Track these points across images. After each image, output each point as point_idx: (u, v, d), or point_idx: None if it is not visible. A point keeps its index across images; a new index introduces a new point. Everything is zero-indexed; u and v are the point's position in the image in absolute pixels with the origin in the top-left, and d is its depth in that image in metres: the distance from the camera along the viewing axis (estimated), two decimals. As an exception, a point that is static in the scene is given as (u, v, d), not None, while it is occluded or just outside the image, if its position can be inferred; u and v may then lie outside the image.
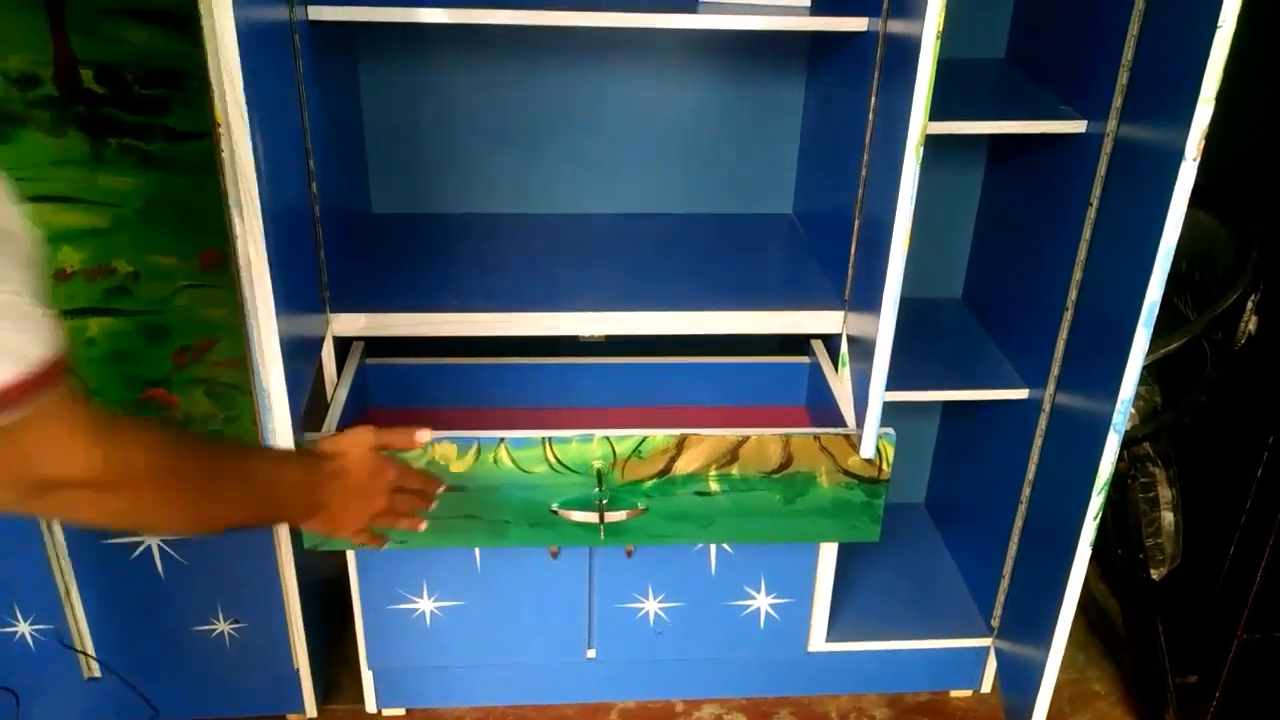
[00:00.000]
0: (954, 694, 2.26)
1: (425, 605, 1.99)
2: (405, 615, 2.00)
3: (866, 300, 1.66)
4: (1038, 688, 1.90)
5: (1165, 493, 2.09)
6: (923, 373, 1.94)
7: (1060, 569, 1.79)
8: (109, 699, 2.05)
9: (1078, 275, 1.76)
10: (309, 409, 1.56)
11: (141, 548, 1.87)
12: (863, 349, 1.69)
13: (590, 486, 1.59)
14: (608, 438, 1.56)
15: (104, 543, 1.85)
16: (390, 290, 1.79)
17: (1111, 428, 1.62)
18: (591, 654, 2.10)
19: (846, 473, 1.64)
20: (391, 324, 1.73)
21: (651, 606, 2.03)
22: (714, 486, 1.62)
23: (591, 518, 1.60)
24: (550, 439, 1.56)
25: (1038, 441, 1.93)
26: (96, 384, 1.71)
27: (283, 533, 1.88)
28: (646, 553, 1.95)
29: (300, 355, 1.53)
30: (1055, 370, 1.85)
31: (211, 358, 1.72)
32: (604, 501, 1.59)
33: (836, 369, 1.85)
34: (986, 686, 2.24)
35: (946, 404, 2.39)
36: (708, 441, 1.58)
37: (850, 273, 1.78)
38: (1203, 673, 2.08)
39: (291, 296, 1.45)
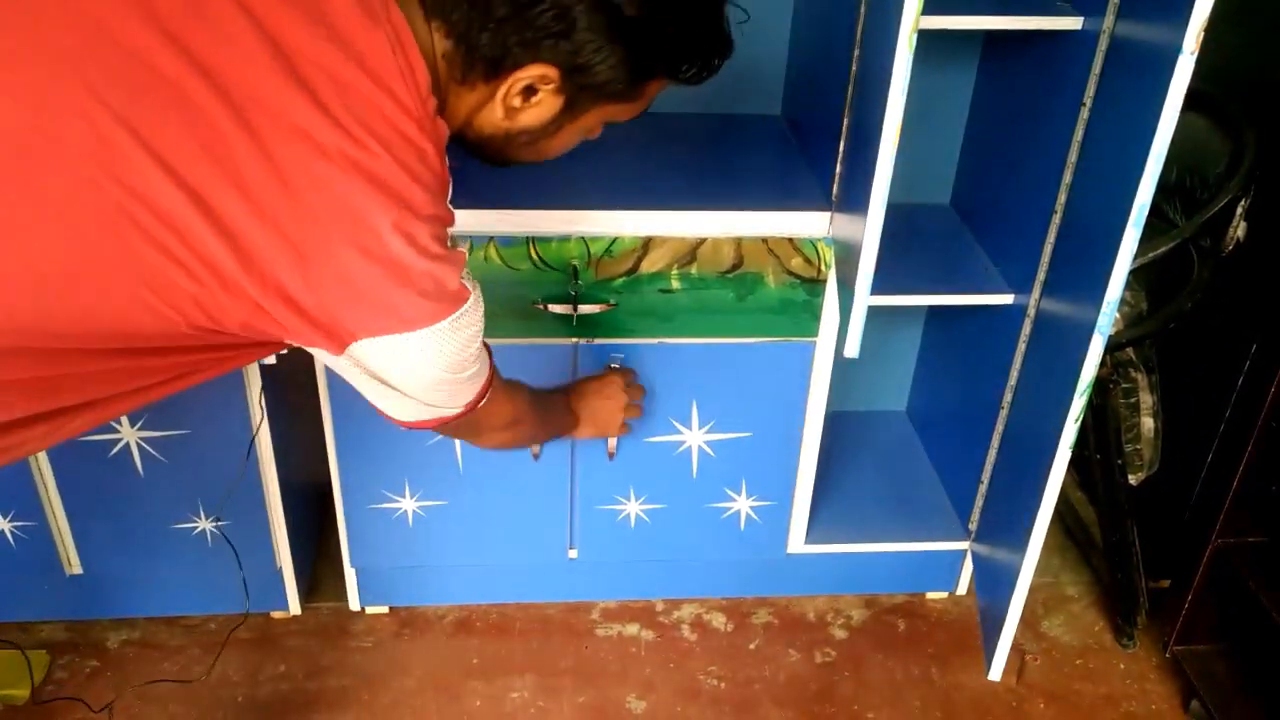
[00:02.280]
0: (930, 596, 2.29)
1: (407, 505, 1.99)
2: (387, 515, 2.00)
3: (854, 201, 1.64)
4: (1012, 590, 1.93)
5: (1146, 399, 2.09)
6: (908, 277, 1.92)
7: (1038, 472, 1.80)
8: (90, 595, 2.06)
9: (1067, 178, 1.73)
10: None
11: (119, 444, 1.86)
12: (848, 252, 1.67)
13: (567, 283, 1.76)
14: (584, 238, 1.75)
15: (81, 439, 1.84)
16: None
17: (1096, 330, 1.61)
18: (573, 554, 2.11)
19: (790, 273, 1.80)
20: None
21: (633, 508, 2.04)
22: (675, 285, 1.80)
23: (567, 309, 1.77)
24: (534, 238, 1.74)
25: (1021, 347, 1.92)
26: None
27: (263, 430, 1.87)
28: (628, 454, 1.95)
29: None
30: (1041, 275, 1.83)
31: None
32: (578, 294, 1.77)
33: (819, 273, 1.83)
34: (962, 589, 2.27)
35: (930, 310, 2.38)
36: (670, 243, 1.77)
37: (838, 171, 1.75)
38: (1176, 577, 2.12)
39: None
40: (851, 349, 1.53)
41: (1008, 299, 1.94)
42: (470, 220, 1.72)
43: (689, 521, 2.07)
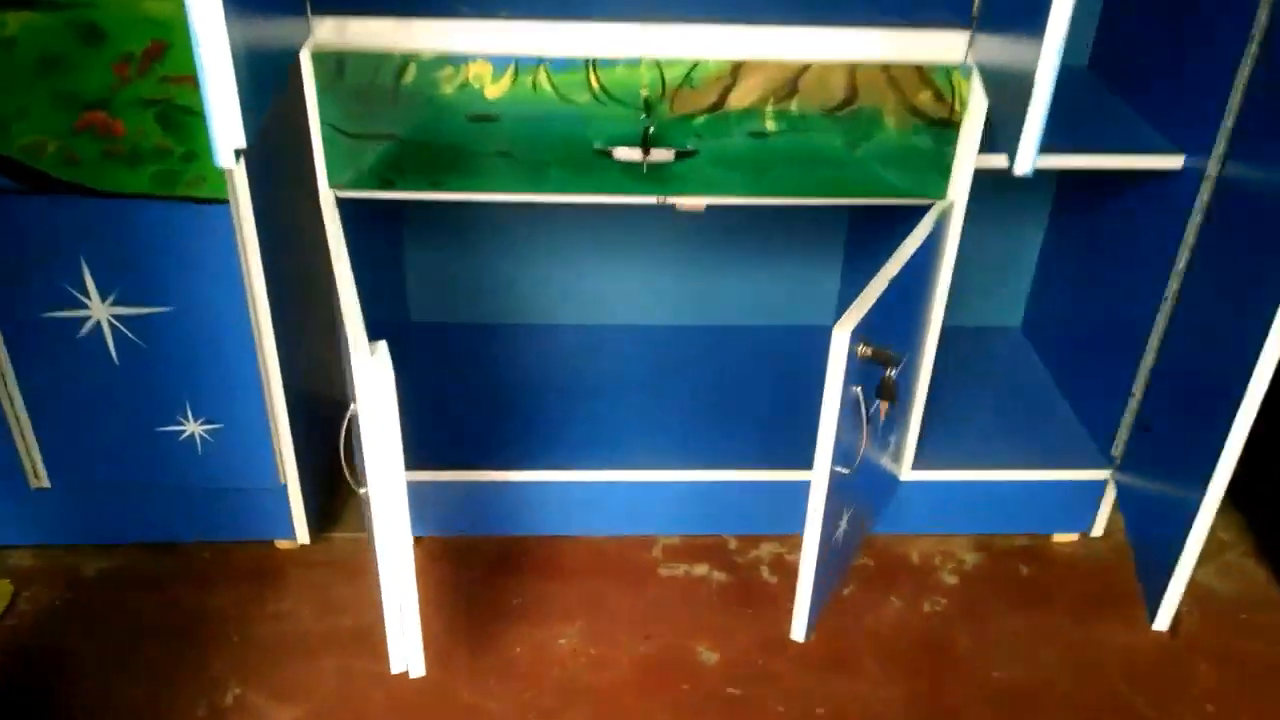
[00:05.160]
0: (1057, 538, 1.92)
1: (435, 409, 1.65)
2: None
3: (1011, 19, 1.26)
4: (1184, 535, 1.56)
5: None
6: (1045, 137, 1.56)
7: (1226, 389, 1.44)
8: (61, 515, 1.74)
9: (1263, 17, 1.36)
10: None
11: (89, 324, 1.53)
12: (999, 85, 1.30)
13: (636, 121, 1.43)
14: (657, 62, 1.40)
15: (44, 316, 1.51)
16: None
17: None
18: (610, 474, 1.77)
19: (915, 111, 1.44)
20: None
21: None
22: (770, 126, 1.45)
23: (636, 155, 1.43)
24: (594, 61, 1.39)
25: (1193, 228, 1.56)
26: (21, 102, 1.35)
27: (260, 306, 1.53)
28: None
29: (263, 66, 1.17)
30: (1228, 124, 1.46)
31: (161, 70, 1.35)
32: (650, 131, 1.43)
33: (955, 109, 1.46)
34: (1098, 529, 1.90)
35: (1057, 203, 2.01)
36: (766, 69, 1.41)
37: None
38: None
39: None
40: (1024, 164, 1.16)
41: (1176, 162, 1.57)
42: (515, 37, 1.38)
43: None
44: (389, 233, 1.96)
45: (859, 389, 1.30)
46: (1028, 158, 1.14)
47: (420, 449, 1.72)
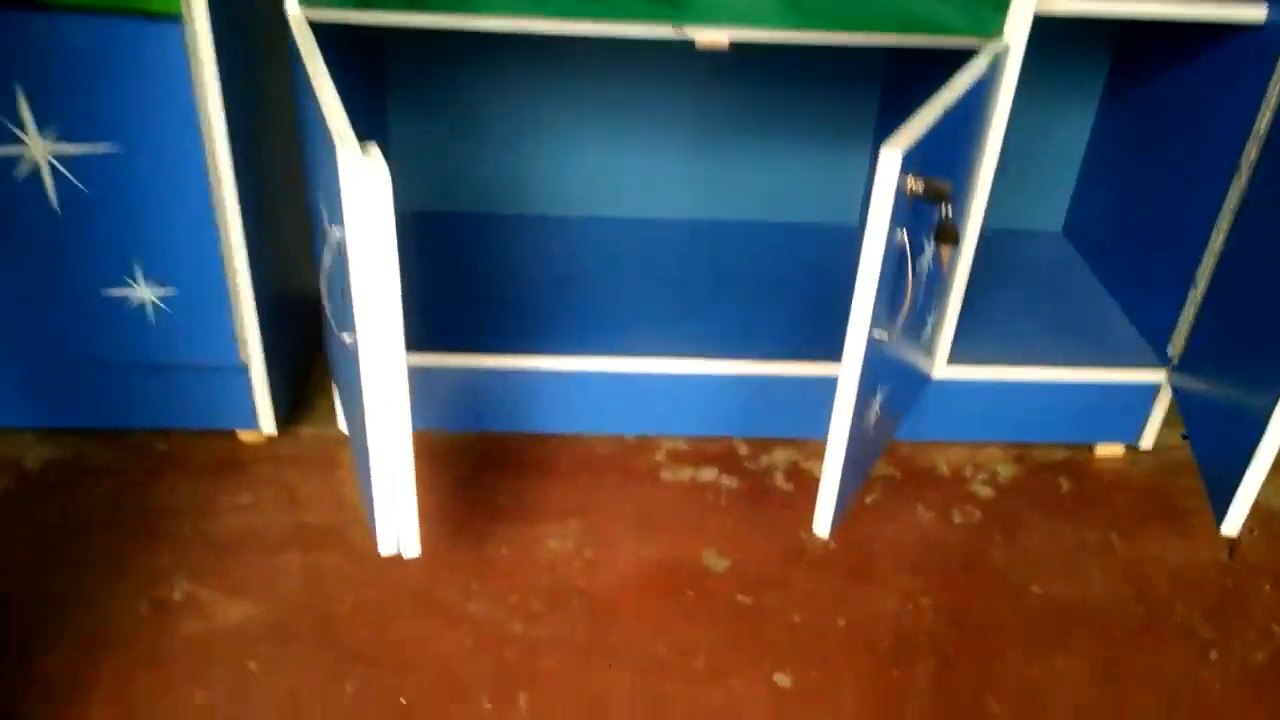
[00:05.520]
0: (1100, 451, 1.74)
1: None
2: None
3: None
4: (1256, 438, 1.37)
5: None
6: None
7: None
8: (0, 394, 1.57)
9: None
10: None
11: (26, 166, 1.34)
12: None
13: None
14: None
15: (-28, 153, 1.33)
16: None
17: None
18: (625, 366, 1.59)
19: None
20: None
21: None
22: None
23: None
24: None
25: (1276, 93, 1.38)
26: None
27: (221, 159, 1.35)
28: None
29: None
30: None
31: None
32: None
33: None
34: (1146, 441, 1.72)
35: (1108, 80, 1.82)
36: None
37: None
38: None
39: None
40: None
41: (1258, 14, 1.39)
42: None
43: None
44: (369, 100, 1.77)
45: (904, 232, 1.12)
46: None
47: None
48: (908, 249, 1.14)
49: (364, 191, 0.99)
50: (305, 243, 1.57)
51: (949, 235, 1.14)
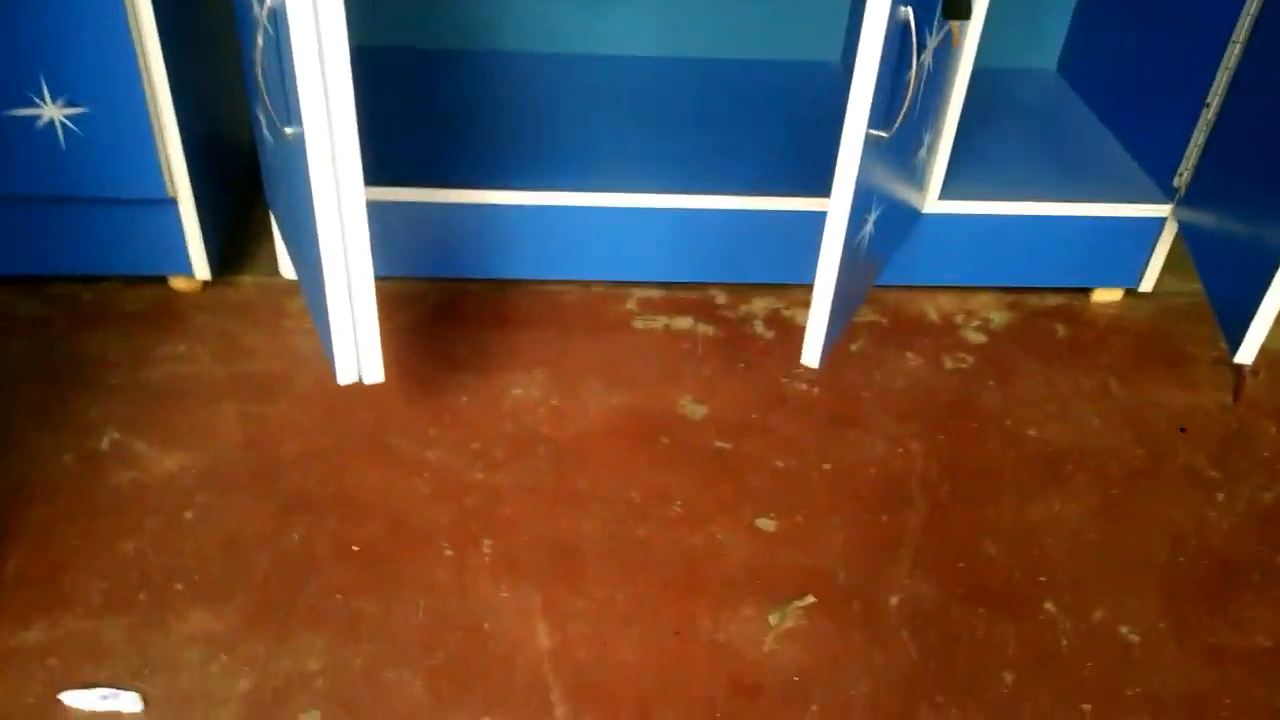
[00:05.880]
0: (1097, 296, 1.65)
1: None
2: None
3: None
4: (1273, 269, 1.27)
5: None
6: None
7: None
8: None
9: None
10: None
11: (-96, -44, 1.18)
12: None
13: None
14: None
15: None
16: None
17: None
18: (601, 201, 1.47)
19: None
20: None
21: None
22: None
23: None
24: None
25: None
26: None
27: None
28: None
29: None
30: None
31: None
32: None
33: None
34: (1147, 283, 1.63)
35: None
36: None
37: None
38: None
39: None
40: None
41: None
42: None
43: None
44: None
45: (908, 10, 0.99)
46: None
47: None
48: (912, 30, 1.01)
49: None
50: (240, 83, 1.41)
51: (960, 9, 1.01)
